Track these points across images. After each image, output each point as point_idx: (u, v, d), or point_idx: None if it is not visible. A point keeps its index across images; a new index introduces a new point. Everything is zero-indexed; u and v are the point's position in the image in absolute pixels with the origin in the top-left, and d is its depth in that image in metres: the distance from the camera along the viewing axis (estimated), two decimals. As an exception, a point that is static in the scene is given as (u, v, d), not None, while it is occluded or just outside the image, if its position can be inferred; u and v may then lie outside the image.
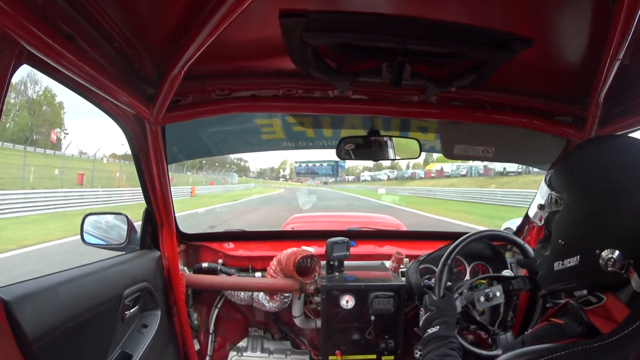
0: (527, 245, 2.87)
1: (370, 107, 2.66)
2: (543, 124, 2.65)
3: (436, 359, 2.04)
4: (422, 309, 2.48)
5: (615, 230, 1.30)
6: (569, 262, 1.39)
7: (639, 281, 1.27)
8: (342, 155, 3.20)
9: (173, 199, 2.91)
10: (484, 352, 2.63)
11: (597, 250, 1.29)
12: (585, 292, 1.41)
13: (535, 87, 2.58)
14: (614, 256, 1.26)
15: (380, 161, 3.65)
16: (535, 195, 1.70)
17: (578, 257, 1.37)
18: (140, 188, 2.76)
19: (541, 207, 1.61)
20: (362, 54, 2.22)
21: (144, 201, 2.84)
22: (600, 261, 1.28)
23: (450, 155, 2.95)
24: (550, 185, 1.54)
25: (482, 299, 2.62)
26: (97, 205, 32.28)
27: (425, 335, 2.26)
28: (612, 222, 1.31)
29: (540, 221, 1.62)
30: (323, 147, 4.04)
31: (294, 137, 3.86)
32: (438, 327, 2.23)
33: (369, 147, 3.22)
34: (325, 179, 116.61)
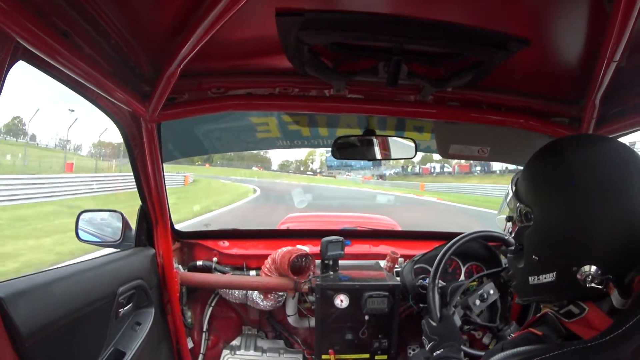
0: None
1: (366, 106, 2.67)
2: (539, 124, 2.66)
3: None
4: (424, 337, 2.47)
5: (591, 245, 1.27)
6: (545, 278, 1.37)
7: (619, 299, 1.26)
8: (338, 154, 3.19)
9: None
10: (474, 352, 2.63)
11: (575, 267, 1.27)
12: (565, 302, 1.40)
13: (531, 88, 2.59)
14: (592, 272, 1.24)
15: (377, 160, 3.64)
16: (502, 202, 1.67)
17: (554, 273, 1.35)
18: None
19: (510, 219, 1.57)
20: (358, 53, 2.22)
21: (139, 199, 2.83)
22: (579, 276, 1.26)
23: (445, 154, 2.96)
24: (517, 194, 1.52)
25: (477, 302, 2.62)
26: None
27: (432, 358, 2.26)
28: (588, 235, 1.28)
29: (511, 232, 1.58)
30: (318, 146, 4.05)
31: (290, 136, 3.86)
32: (442, 349, 2.23)
33: (365, 147, 3.22)
34: (372, 171, 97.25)
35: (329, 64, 2.30)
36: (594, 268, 1.24)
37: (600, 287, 1.25)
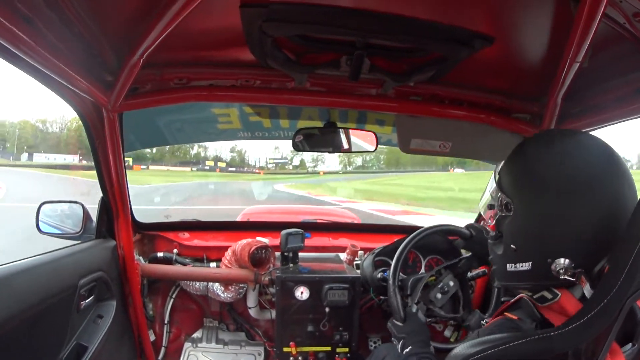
0: (459, 227, 2.87)
1: (327, 99, 2.68)
2: (501, 120, 2.71)
3: None
4: (393, 339, 2.48)
5: (566, 239, 1.34)
6: (521, 267, 1.44)
7: (590, 290, 1.32)
8: (298, 146, 3.20)
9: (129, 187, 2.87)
10: (441, 346, 2.65)
11: (549, 259, 1.34)
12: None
13: (494, 84, 2.63)
14: (565, 264, 1.32)
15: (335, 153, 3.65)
16: (485, 190, 1.72)
17: (530, 263, 1.42)
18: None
19: (491, 207, 1.64)
20: (321, 46, 2.23)
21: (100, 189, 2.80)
22: (552, 267, 1.33)
23: (406, 149, 2.98)
24: (499, 184, 1.56)
25: (438, 295, 2.63)
26: None
27: (402, 357, 2.27)
28: (563, 229, 1.34)
29: (492, 221, 1.64)
30: (279, 137, 4.04)
31: (251, 127, 3.86)
32: (411, 346, 2.24)
33: (325, 138, 3.22)
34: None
35: (292, 56, 2.31)
36: (567, 261, 1.32)
37: (572, 279, 1.32)
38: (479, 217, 3.60)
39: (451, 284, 2.65)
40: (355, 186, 50.07)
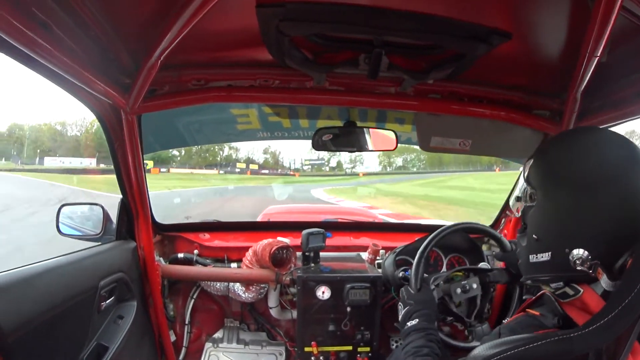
0: (503, 238, 2.85)
1: (346, 98, 2.66)
2: (521, 117, 2.67)
3: (413, 351, 2.01)
4: (400, 303, 2.47)
5: (584, 231, 1.35)
6: (542, 257, 1.46)
7: (608, 282, 1.32)
8: (318, 146, 3.19)
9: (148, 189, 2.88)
10: (461, 344, 2.65)
11: (567, 249, 1.35)
12: (561, 284, 1.45)
13: (513, 81, 2.60)
14: (583, 256, 1.31)
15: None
16: (514, 185, 1.72)
17: (550, 253, 1.43)
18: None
19: (518, 199, 1.64)
20: (339, 45, 2.22)
21: (120, 191, 2.81)
22: (570, 258, 1.33)
23: (426, 147, 2.97)
24: (527, 178, 1.58)
25: (458, 290, 2.62)
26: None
27: (405, 328, 2.24)
28: (582, 221, 1.36)
29: (518, 212, 1.66)
30: (299, 137, 4.04)
31: (270, 128, 3.86)
32: (417, 319, 2.21)
33: (345, 138, 3.21)
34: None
35: (309, 55, 2.30)
36: (584, 253, 1.32)
37: (589, 271, 1.32)
38: (501, 214, 3.58)
39: (474, 286, 2.63)
40: (413, 191, 45.53)
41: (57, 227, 2.81)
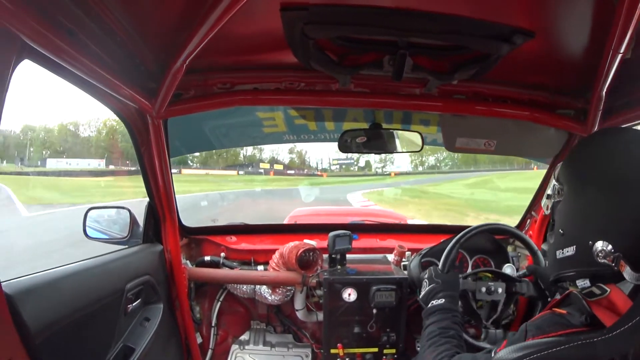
0: (530, 240, 2.84)
1: (371, 100, 2.65)
2: (545, 117, 2.64)
3: (439, 331, 2.01)
4: (426, 279, 2.48)
5: (607, 223, 1.34)
6: (567, 252, 1.46)
7: (631, 273, 1.30)
8: (345, 148, 3.19)
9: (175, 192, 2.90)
10: (469, 339, 2.62)
11: (590, 242, 1.34)
12: (587, 282, 1.44)
13: (537, 80, 2.57)
14: (606, 248, 1.31)
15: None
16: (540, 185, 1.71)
17: (574, 247, 1.43)
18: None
19: (548, 196, 1.68)
20: (363, 47, 2.21)
21: (147, 195, 2.84)
22: (594, 251, 1.33)
23: (452, 148, 2.96)
24: (557, 177, 1.59)
25: (483, 289, 2.62)
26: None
27: (430, 306, 2.26)
28: (607, 216, 1.35)
29: (547, 210, 1.69)
30: (325, 140, 4.05)
31: (296, 130, 3.87)
32: (443, 299, 2.23)
33: (372, 140, 3.21)
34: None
35: (334, 58, 2.29)
36: (609, 246, 1.31)
37: (611, 264, 1.30)
38: (526, 215, 3.56)
39: (500, 291, 2.63)
40: (476, 195, 43.69)
41: (84, 230, 2.84)
